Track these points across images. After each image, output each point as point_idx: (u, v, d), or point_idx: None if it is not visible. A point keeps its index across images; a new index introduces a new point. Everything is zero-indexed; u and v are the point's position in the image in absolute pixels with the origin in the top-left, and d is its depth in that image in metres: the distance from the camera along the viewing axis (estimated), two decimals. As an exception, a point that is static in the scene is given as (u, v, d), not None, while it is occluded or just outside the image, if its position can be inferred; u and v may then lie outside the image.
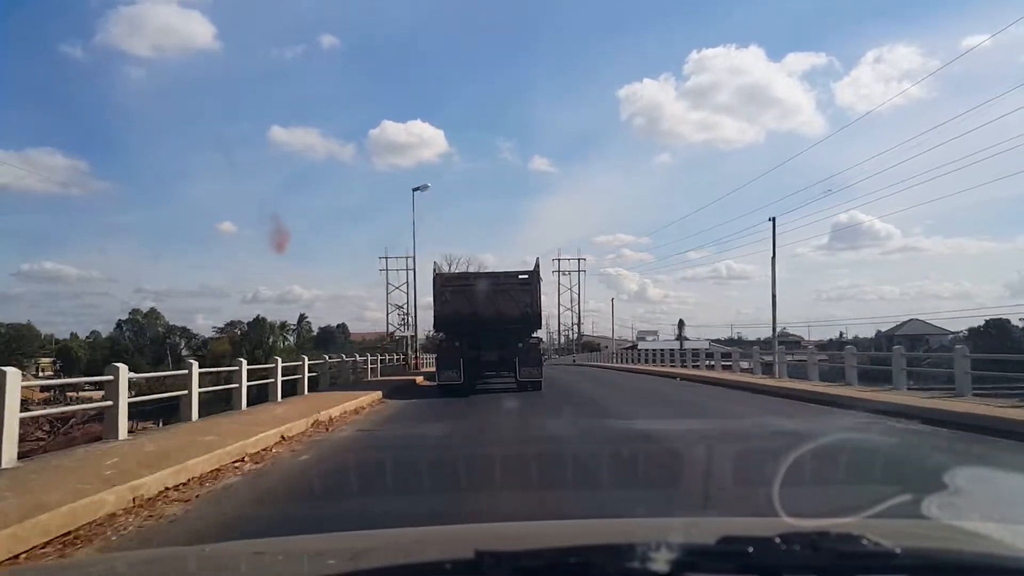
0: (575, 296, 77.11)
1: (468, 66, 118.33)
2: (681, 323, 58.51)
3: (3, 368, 7.62)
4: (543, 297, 22.22)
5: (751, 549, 1.29)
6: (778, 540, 1.30)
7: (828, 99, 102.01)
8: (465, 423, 12.46)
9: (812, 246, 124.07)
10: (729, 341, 72.45)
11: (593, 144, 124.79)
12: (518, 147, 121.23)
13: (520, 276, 19.75)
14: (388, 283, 69.96)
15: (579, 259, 75.69)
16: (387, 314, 69.75)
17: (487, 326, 18.71)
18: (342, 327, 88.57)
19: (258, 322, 68.85)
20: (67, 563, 3.46)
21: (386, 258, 70.60)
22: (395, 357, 40.39)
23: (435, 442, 10.00)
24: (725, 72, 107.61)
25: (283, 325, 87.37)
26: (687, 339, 72.76)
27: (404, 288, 70.88)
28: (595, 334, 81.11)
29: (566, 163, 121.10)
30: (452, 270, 58.24)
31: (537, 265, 20.14)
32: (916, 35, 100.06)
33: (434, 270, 21.13)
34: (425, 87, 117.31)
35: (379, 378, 27.25)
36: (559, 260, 75.48)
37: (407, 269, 71.25)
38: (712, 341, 71.00)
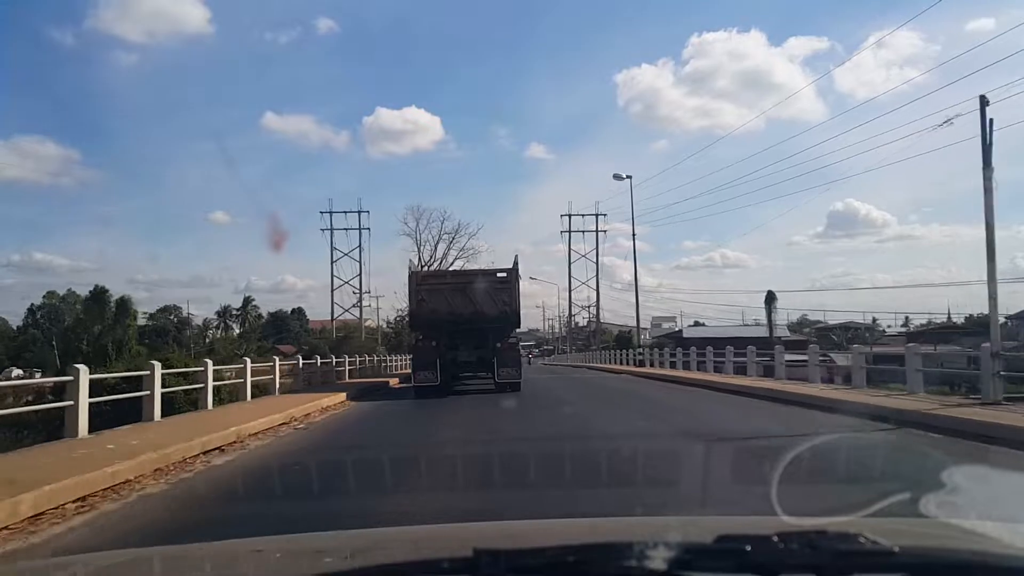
0: (571, 274, 63.35)
1: (465, 51, 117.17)
2: (771, 296, 44.76)
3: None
4: (530, 290, 21.88)
5: (749, 547, 1.29)
6: (776, 539, 1.31)
7: (828, 84, 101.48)
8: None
9: (808, 234, 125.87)
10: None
11: (590, 130, 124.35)
12: (515, 133, 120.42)
13: (498, 274, 19.57)
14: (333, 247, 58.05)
15: (597, 215, 59.33)
16: (331, 289, 58.72)
17: (465, 326, 18.48)
18: (298, 312, 77.56)
19: (96, 299, 45.77)
20: (62, 562, 3.39)
21: (330, 213, 57.63)
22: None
23: None
24: (725, 57, 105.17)
25: (225, 310, 74.26)
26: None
27: (356, 255, 58.78)
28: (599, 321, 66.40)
29: (563, 149, 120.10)
30: (422, 226, 49.49)
31: (516, 263, 19.99)
32: (919, 19, 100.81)
33: (409, 268, 20.98)
34: (421, 73, 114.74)
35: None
36: (570, 217, 60.17)
37: (359, 229, 58.32)
38: (788, 325, 59.93)
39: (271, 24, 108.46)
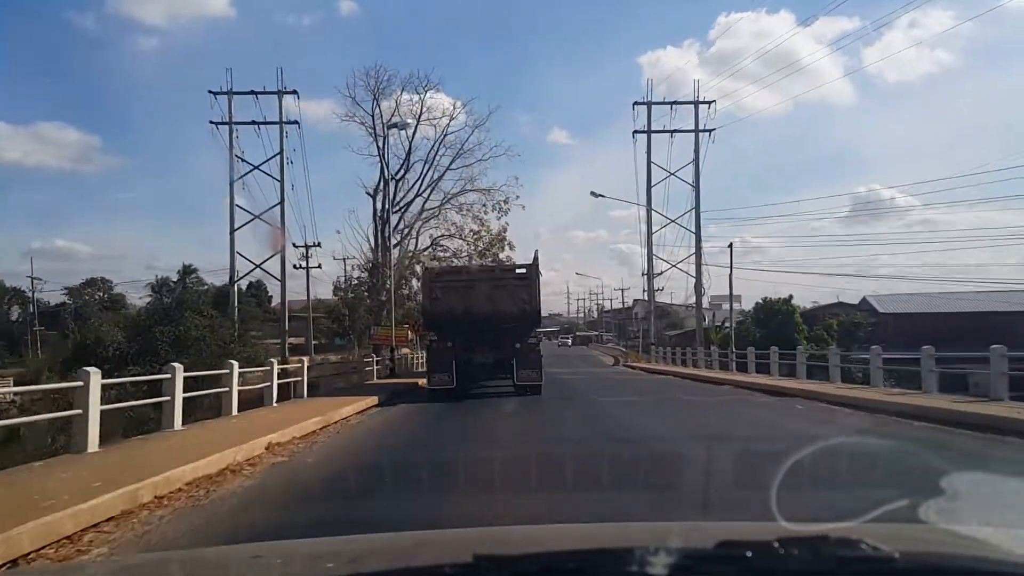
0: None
1: (486, 35, 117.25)
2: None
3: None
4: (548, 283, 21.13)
5: (750, 553, 1.28)
6: (777, 544, 1.30)
7: (857, 65, 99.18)
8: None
9: (832, 219, 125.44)
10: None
11: (613, 114, 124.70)
12: (537, 119, 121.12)
13: (518, 271, 19.12)
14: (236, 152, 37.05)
15: (697, 102, 39.93)
16: (231, 229, 37.67)
17: (482, 325, 17.87)
18: (255, 287, 56.55)
19: None
20: (66, 566, 3.43)
21: (229, 94, 37.19)
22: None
23: None
24: (751, 37, 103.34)
25: (161, 284, 48.84)
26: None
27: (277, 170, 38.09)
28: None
29: (585, 134, 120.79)
30: (385, 105, 35.53)
31: (535, 258, 19.36)
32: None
33: (423, 265, 20.73)
34: (441, 56, 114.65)
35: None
36: (649, 106, 40.78)
37: (281, 123, 37.53)
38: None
39: (292, 6, 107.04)
